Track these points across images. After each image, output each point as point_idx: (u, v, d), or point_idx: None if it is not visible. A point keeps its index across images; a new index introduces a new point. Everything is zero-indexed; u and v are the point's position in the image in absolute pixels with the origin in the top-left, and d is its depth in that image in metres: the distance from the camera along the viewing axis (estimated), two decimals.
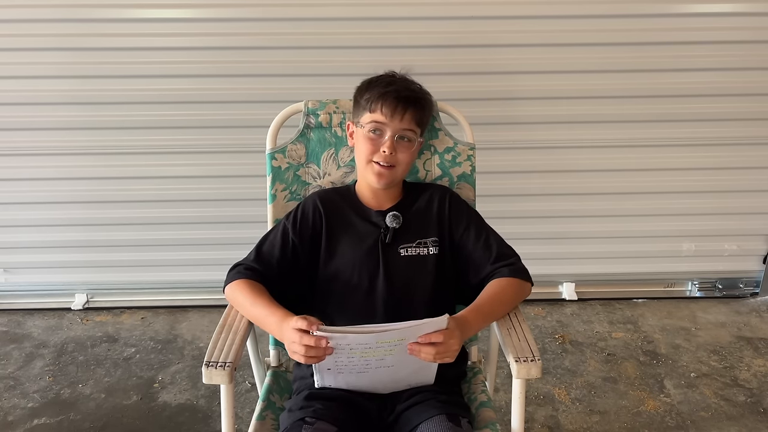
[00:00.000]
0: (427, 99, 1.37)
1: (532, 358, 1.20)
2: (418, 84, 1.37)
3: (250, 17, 2.15)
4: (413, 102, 1.31)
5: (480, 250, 1.35)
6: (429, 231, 1.35)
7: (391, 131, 1.30)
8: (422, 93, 1.36)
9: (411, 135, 1.32)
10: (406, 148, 1.32)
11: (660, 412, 1.96)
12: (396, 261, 1.33)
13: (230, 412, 1.22)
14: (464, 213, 1.39)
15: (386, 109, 1.29)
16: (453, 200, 1.40)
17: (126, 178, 2.33)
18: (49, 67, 2.19)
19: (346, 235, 1.35)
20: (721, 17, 2.19)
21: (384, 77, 1.35)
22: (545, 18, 2.16)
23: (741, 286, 2.60)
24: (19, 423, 1.92)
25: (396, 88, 1.31)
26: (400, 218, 1.34)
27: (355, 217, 1.36)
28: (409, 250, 1.34)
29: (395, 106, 1.29)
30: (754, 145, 2.36)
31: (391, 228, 1.33)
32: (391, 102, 1.29)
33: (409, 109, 1.30)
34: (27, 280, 2.50)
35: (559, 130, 2.32)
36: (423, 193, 1.40)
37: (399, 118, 1.29)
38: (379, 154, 1.30)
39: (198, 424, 1.92)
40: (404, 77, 1.36)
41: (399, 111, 1.29)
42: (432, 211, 1.37)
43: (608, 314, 2.49)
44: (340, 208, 1.38)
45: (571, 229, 2.47)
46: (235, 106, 2.24)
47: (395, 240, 1.33)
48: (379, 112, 1.29)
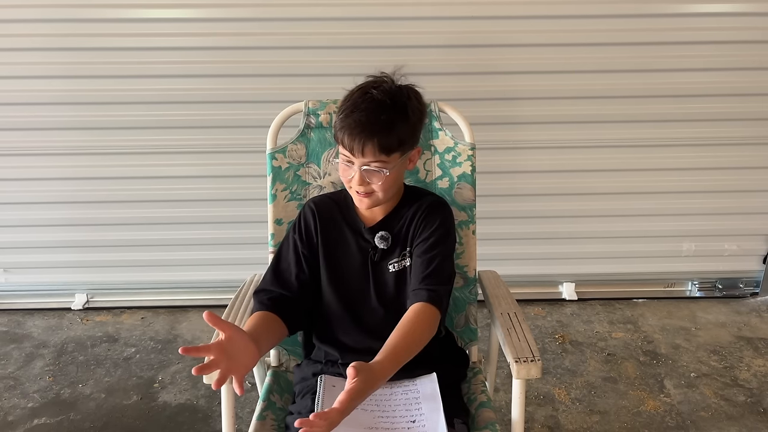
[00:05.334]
0: (401, 118, 1.21)
1: (532, 358, 1.20)
2: (394, 101, 1.21)
3: (250, 17, 2.15)
4: (377, 132, 1.18)
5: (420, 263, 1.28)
6: (408, 242, 1.33)
7: (357, 164, 1.21)
8: (391, 117, 1.20)
9: (378, 166, 1.20)
10: (378, 178, 1.22)
11: (660, 412, 1.96)
12: (385, 278, 1.32)
13: (230, 412, 1.23)
14: (431, 224, 1.31)
15: (347, 142, 1.19)
16: (429, 210, 1.32)
17: (126, 178, 2.33)
18: (48, 67, 2.19)
19: (339, 250, 1.33)
20: (721, 17, 2.19)
21: (354, 96, 1.22)
22: (545, 18, 2.16)
23: (741, 286, 2.60)
24: (19, 423, 1.92)
25: (356, 118, 1.18)
26: (388, 239, 1.31)
27: (348, 232, 1.34)
28: (396, 266, 1.32)
29: (353, 140, 1.18)
30: (754, 145, 2.36)
31: (379, 249, 1.32)
32: (350, 135, 1.19)
33: (371, 140, 1.18)
34: (27, 280, 2.50)
35: (559, 130, 2.32)
36: (413, 206, 1.34)
37: (360, 153, 1.19)
38: (353, 185, 1.24)
39: (198, 424, 1.92)
40: (376, 97, 1.20)
41: (358, 145, 1.18)
42: (413, 223, 1.33)
43: (608, 314, 2.49)
44: (335, 219, 1.35)
45: (571, 229, 2.47)
46: (235, 106, 2.24)
47: (383, 257, 1.32)
48: (343, 147, 1.21)
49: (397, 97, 1.22)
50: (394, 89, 1.23)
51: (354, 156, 1.20)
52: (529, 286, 2.56)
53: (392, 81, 1.25)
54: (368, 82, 1.26)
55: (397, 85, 1.25)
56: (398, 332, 1.17)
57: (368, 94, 1.21)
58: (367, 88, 1.23)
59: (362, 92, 1.22)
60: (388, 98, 1.21)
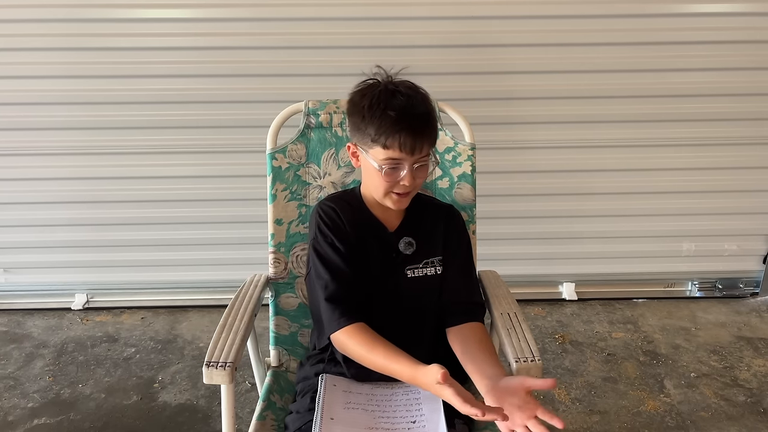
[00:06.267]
0: (433, 110, 1.25)
1: (532, 358, 1.20)
2: (418, 94, 1.22)
3: (250, 17, 2.15)
4: (429, 129, 1.20)
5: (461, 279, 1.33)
6: (435, 250, 1.32)
7: (410, 164, 1.20)
8: (429, 109, 1.22)
9: (427, 159, 1.23)
10: (425, 172, 1.24)
11: (660, 412, 1.96)
12: (402, 283, 1.31)
13: (230, 412, 1.22)
14: (462, 235, 1.36)
15: (406, 147, 1.17)
16: (458, 222, 1.37)
17: (126, 178, 2.33)
18: (48, 67, 2.19)
19: (362, 252, 1.29)
20: (721, 17, 2.19)
21: (382, 97, 1.20)
22: (545, 18, 2.17)
23: (741, 286, 2.60)
24: (19, 423, 1.92)
25: (410, 123, 1.17)
26: (413, 245, 1.30)
27: (369, 234, 1.31)
28: (416, 272, 1.31)
29: (414, 142, 1.17)
30: (754, 145, 2.36)
31: (403, 254, 1.30)
32: (408, 138, 1.17)
33: (427, 138, 1.20)
34: (27, 280, 2.50)
35: (559, 130, 2.32)
36: (427, 210, 1.35)
37: (420, 150, 1.19)
38: (399, 186, 1.22)
39: (198, 424, 1.92)
40: (405, 93, 1.20)
41: (419, 143, 1.18)
42: (439, 231, 1.33)
43: (608, 314, 2.49)
44: (355, 220, 1.31)
45: (571, 229, 2.47)
46: (235, 106, 2.24)
47: (404, 262, 1.31)
48: (396, 149, 1.18)
49: (415, 89, 1.23)
50: (407, 83, 1.23)
51: (411, 155, 1.19)
52: (529, 286, 2.56)
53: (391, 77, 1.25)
54: (380, 81, 1.23)
55: (408, 83, 1.24)
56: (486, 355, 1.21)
57: (397, 91, 1.20)
58: (386, 87, 1.21)
59: (389, 93, 1.20)
60: (412, 92, 1.21)
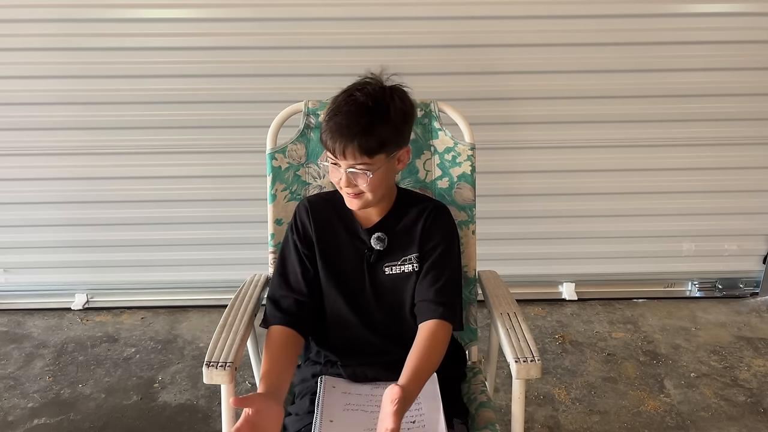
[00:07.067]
0: (382, 120, 1.20)
1: (532, 358, 1.20)
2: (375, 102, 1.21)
3: (250, 17, 2.15)
4: (356, 135, 1.18)
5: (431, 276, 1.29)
6: (412, 247, 1.32)
7: (343, 167, 1.22)
8: (371, 119, 1.19)
9: (362, 168, 1.21)
10: (363, 180, 1.22)
11: (660, 412, 1.96)
12: (381, 279, 1.32)
13: (230, 412, 1.23)
14: (440, 233, 1.32)
15: (330, 145, 1.21)
16: (436, 216, 1.34)
17: (126, 178, 2.33)
18: (48, 67, 2.19)
19: (334, 249, 1.33)
20: (721, 17, 2.19)
21: (339, 100, 1.23)
22: (545, 18, 2.16)
23: (741, 286, 2.60)
24: (19, 423, 1.92)
25: (337, 121, 1.19)
26: (385, 240, 1.31)
27: (343, 232, 1.33)
28: (394, 269, 1.32)
29: (335, 143, 1.19)
30: (754, 145, 2.36)
31: (375, 250, 1.31)
32: (331, 139, 1.20)
33: (351, 143, 1.18)
34: (27, 280, 2.50)
35: (559, 130, 2.32)
36: (413, 208, 1.34)
37: (342, 155, 1.20)
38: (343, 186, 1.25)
39: (198, 424, 1.92)
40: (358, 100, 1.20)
41: (339, 147, 1.19)
42: (417, 227, 1.33)
43: (608, 314, 2.48)
44: (330, 218, 1.34)
45: (571, 229, 2.47)
46: (235, 106, 2.24)
47: (380, 259, 1.32)
48: (326, 148, 1.23)
49: (379, 98, 1.21)
50: (378, 91, 1.22)
51: (339, 159, 1.21)
52: (529, 286, 2.56)
53: (379, 82, 1.25)
54: (354, 84, 1.25)
55: (381, 86, 1.24)
56: (419, 354, 1.19)
57: (351, 96, 1.22)
58: (351, 90, 1.23)
59: (346, 95, 1.23)
60: (370, 100, 1.20)
